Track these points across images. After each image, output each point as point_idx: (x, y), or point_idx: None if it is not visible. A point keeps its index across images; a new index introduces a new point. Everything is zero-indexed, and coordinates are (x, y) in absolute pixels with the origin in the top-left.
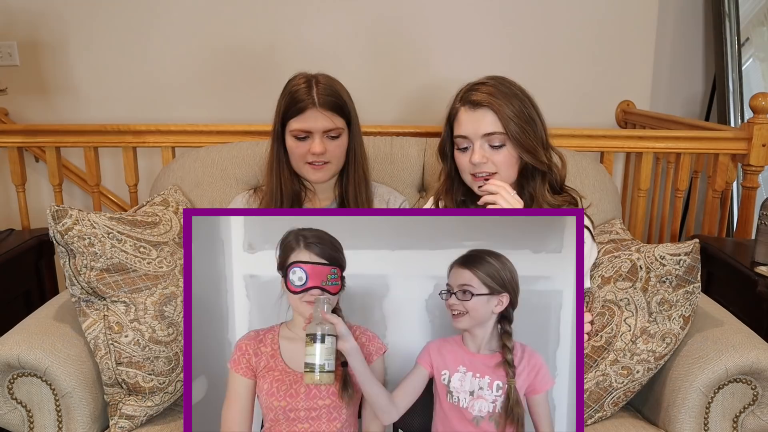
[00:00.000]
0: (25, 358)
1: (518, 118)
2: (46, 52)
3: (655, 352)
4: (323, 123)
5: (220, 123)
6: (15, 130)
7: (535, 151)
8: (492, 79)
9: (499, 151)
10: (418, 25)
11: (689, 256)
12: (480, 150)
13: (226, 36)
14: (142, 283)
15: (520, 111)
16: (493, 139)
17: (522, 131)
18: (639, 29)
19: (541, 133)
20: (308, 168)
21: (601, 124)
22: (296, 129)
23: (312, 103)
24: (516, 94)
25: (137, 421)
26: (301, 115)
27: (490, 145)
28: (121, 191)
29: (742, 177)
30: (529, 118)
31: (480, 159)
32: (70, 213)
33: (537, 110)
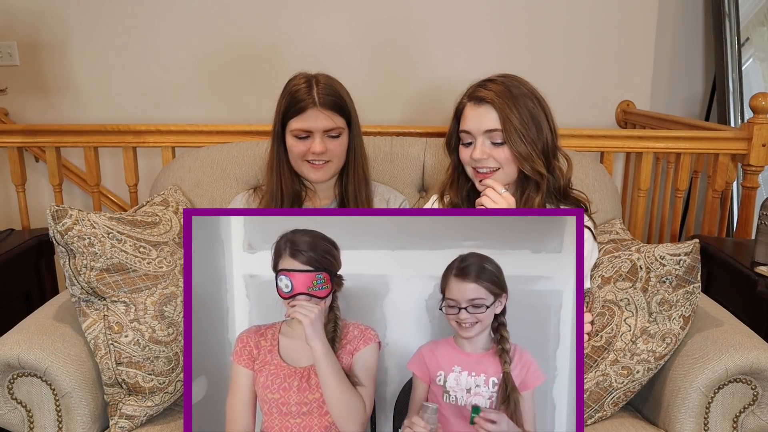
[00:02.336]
0: (25, 358)
1: (520, 121)
2: (46, 52)
3: (655, 352)
4: (324, 122)
5: (220, 123)
6: (15, 130)
7: (530, 159)
8: (503, 77)
9: (500, 149)
10: (419, 25)
11: (689, 256)
12: (481, 146)
13: (227, 36)
14: (142, 283)
15: (525, 114)
16: (494, 136)
17: (519, 136)
18: (639, 29)
19: (547, 138)
20: (308, 167)
21: (601, 124)
22: (297, 129)
23: (312, 103)
24: (525, 94)
25: (137, 421)
26: (302, 114)
27: (491, 141)
28: (121, 191)
29: (742, 177)
30: (534, 122)
31: (480, 155)
32: (70, 213)
33: (547, 114)
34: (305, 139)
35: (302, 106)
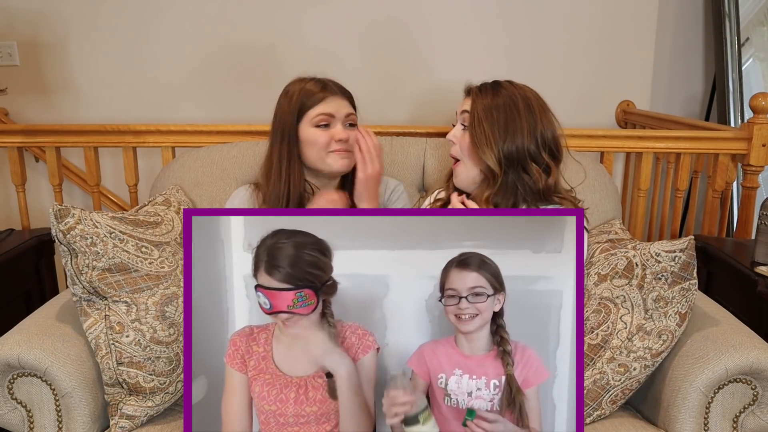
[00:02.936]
0: (25, 358)
1: (488, 116)
2: (46, 52)
3: (652, 349)
4: (345, 108)
5: (220, 123)
6: (15, 130)
7: (484, 152)
8: (509, 82)
9: (465, 133)
10: (419, 25)
11: (684, 253)
12: (456, 128)
13: (227, 36)
14: (143, 283)
15: (501, 112)
16: (465, 118)
17: (481, 127)
18: (639, 29)
19: (522, 145)
20: (334, 156)
21: (601, 124)
22: (320, 114)
23: (332, 92)
24: (513, 98)
25: (138, 421)
26: (323, 102)
27: (461, 123)
28: (121, 191)
29: (742, 177)
30: (507, 124)
31: (451, 136)
32: (72, 212)
33: (537, 125)
34: (326, 128)
35: (321, 96)
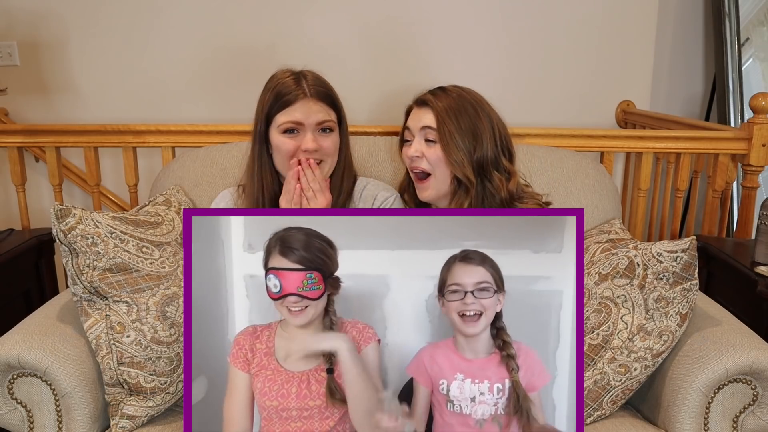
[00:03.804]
0: (25, 358)
1: (456, 126)
2: (46, 52)
3: (653, 350)
4: (316, 115)
5: (220, 123)
6: (15, 130)
7: (461, 163)
8: (454, 87)
9: (433, 148)
10: (419, 25)
11: (686, 253)
12: (417, 144)
13: (227, 36)
14: (144, 283)
15: (466, 120)
16: (429, 133)
17: (453, 139)
18: (639, 29)
19: (487, 151)
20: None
21: (601, 124)
22: (285, 122)
23: (303, 94)
24: (471, 104)
25: (138, 421)
26: (291, 106)
27: (426, 139)
28: (121, 191)
29: (742, 177)
30: (472, 131)
31: (414, 152)
32: (73, 212)
33: (494, 129)
34: (295, 135)
35: (291, 98)
